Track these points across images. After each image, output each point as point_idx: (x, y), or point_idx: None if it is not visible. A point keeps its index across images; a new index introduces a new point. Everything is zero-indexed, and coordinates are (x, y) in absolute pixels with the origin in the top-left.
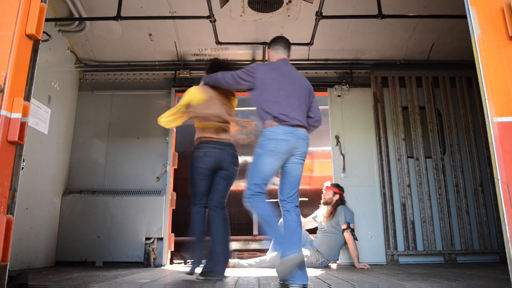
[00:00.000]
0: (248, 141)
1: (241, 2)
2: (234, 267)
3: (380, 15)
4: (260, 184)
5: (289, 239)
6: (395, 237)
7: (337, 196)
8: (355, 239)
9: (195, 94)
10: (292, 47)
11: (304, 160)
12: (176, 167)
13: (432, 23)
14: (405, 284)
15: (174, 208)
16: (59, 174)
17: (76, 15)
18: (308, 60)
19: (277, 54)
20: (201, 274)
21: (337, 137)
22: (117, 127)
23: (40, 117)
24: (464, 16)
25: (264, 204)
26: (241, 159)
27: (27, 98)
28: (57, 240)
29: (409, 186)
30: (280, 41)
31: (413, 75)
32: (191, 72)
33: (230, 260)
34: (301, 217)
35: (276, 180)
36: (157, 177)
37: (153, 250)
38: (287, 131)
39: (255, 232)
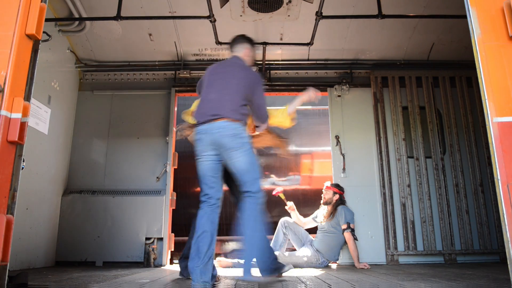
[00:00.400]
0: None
1: (241, 2)
2: (234, 267)
3: (380, 15)
4: (202, 191)
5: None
6: (395, 237)
7: (337, 196)
8: (355, 239)
9: None
10: (292, 47)
11: (238, 149)
12: (176, 167)
13: (432, 23)
14: (405, 284)
15: (174, 208)
16: (59, 174)
17: (76, 15)
18: (308, 60)
19: (231, 53)
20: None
21: (337, 137)
22: (117, 127)
23: (40, 117)
24: (464, 16)
25: (197, 221)
26: None
27: (27, 98)
28: (57, 240)
29: (409, 186)
30: (233, 40)
31: (413, 75)
32: (191, 72)
33: (230, 260)
34: (301, 217)
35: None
36: (157, 177)
37: (153, 250)
38: (199, 131)
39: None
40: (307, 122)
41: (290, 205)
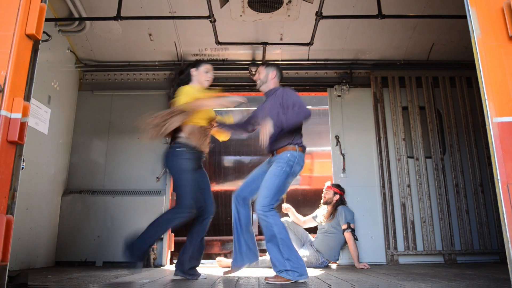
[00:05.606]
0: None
1: (241, 2)
2: None
3: (380, 15)
4: (276, 201)
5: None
6: (395, 237)
7: (337, 196)
8: (356, 239)
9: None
10: (292, 47)
11: None
12: None
13: (432, 23)
14: (405, 284)
15: None
16: (59, 174)
17: (76, 15)
18: (308, 60)
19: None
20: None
21: (337, 137)
22: (117, 127)
23: (40, 117)
24: (464, 16)
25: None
26: None
27: (27, 98)
28: (57, 240)
29: (409, 186)
30: None
31: (413, 75)
32: None
33: (230, 260)
34: (301, 216)
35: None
36: (157, 177)
37: (153, 250)
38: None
39: (255, 232)
40: (307, 122)
41: (286, 207)
